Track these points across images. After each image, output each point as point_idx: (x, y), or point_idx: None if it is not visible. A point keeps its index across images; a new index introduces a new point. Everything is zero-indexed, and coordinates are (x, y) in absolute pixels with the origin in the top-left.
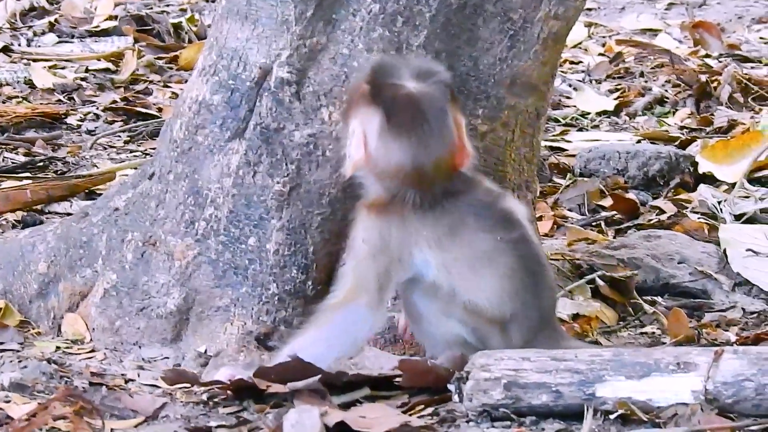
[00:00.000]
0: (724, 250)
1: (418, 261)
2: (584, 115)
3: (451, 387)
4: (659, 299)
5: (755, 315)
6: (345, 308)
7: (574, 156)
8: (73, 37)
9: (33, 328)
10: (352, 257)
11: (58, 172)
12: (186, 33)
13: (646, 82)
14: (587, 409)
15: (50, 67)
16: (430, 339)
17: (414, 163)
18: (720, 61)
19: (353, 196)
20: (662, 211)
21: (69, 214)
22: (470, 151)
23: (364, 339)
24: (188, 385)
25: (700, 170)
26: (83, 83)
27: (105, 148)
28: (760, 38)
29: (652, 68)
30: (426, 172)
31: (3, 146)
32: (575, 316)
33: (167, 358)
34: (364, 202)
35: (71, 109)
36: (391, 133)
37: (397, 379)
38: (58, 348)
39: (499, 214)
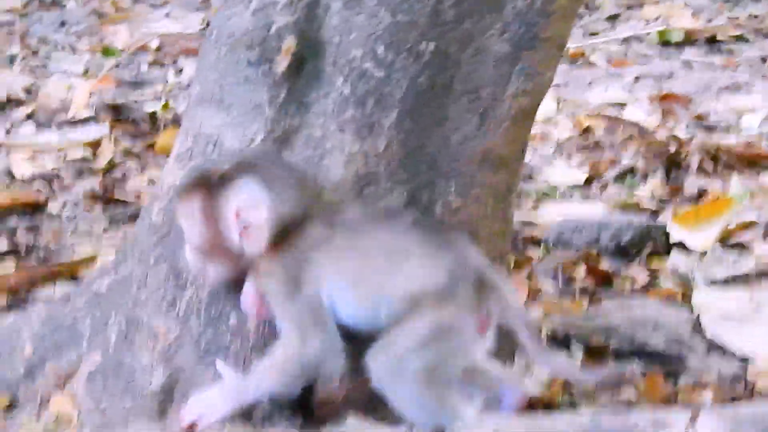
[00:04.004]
0: (698, 316)
1: (330, 289)
2: (555, 188)
3: None
4: (634, 365)
5: (729, 378)
6: (299, 357)
7: (546, 228)
8: (50, 126)
9: (20, 411)
10: (277, 311)
11: (40, 259)
12: (161, 120)
13: (615, 154)
14: None
15: (29, 157)
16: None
17: (309, 190)
18: (688, 132)
19: None
20: (635, 280)
21: (52, 299)
22: None
23: (329, 367)
24: None
25: (672, 239)
26: (61, 172)
27: (85, 235)
28: (728, 107)
29: (621, 140)
30: (321, 198)
31: None
32: (552, 382)
33: None
34: (258, 267)
35: (51, 197)
36: (275, 183)
37: None
38: (46, 430)
39: (378, 212)
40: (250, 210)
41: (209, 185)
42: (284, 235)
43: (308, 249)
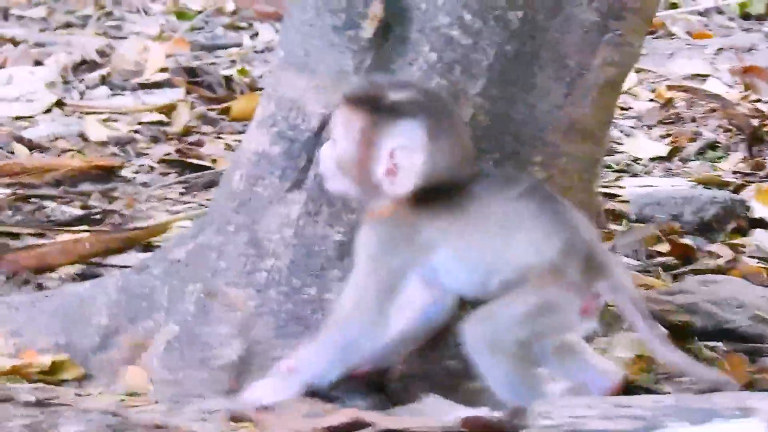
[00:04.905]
0: None
1: (440, 256)
2: (636, 160)
3: None
4: (717, 344)
5: None
6: (346, 326)
7: (628, 202)
8: (124, 89)
9: (94, 381)
10: (354, 269)
11: (115, 225)
12: (237, 84)
13: (697, 127)
14: None
15: (103, 120)
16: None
17: (465, 155)
18: None
19: None
20: (718, 256)
21: (126, 266)
22: None
23: (368, 352)
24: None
25: (755, 215)
26: (136, 135)
27: (160, 200)
28: None
29: (703, 113)
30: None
31: (59, 199)
32: (638, 358)
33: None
34: (369, 212)
35: (125, 162)
36: (439, 137)
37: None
38: (120, 400)
39: (499, 177)
40: (407, 154)
41: (378, 108)
42: (424, 191)
43: (431, 211)
